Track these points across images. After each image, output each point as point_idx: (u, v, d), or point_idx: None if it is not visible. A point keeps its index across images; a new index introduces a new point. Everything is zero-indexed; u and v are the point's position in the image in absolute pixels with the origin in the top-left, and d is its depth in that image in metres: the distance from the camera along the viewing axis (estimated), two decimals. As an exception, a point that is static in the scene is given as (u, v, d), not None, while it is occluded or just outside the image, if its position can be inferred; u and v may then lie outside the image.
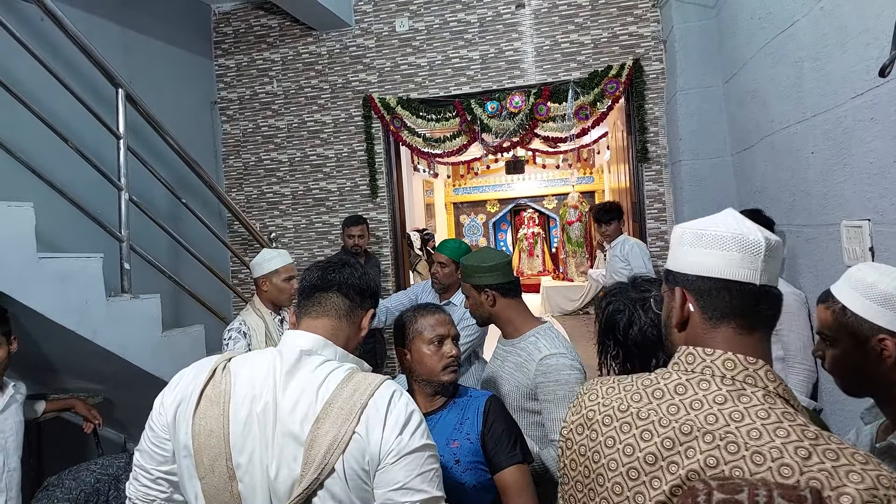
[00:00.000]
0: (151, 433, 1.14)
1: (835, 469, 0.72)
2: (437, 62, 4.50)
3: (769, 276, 0.86)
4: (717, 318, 0.88)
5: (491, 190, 12.10)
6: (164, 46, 4.26)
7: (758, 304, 0.86)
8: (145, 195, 3.29)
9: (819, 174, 2.24)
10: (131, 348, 2.58)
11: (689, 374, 0.87)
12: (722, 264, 0.87)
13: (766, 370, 0.84)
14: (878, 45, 1.72)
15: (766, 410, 0.79)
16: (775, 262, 0.87)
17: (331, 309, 1.23)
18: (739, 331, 0.87)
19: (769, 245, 0.86)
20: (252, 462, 1.07)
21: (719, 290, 0.87)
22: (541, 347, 1.76)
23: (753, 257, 0.85)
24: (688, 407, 0.84)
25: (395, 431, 1.06)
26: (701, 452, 0.80)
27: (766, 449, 0.76)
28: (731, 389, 0.83)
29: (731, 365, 0.84)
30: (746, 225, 0.88)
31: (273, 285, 2.63)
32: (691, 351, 0.88)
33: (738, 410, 0.80)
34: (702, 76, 3.59)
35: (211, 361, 1.17)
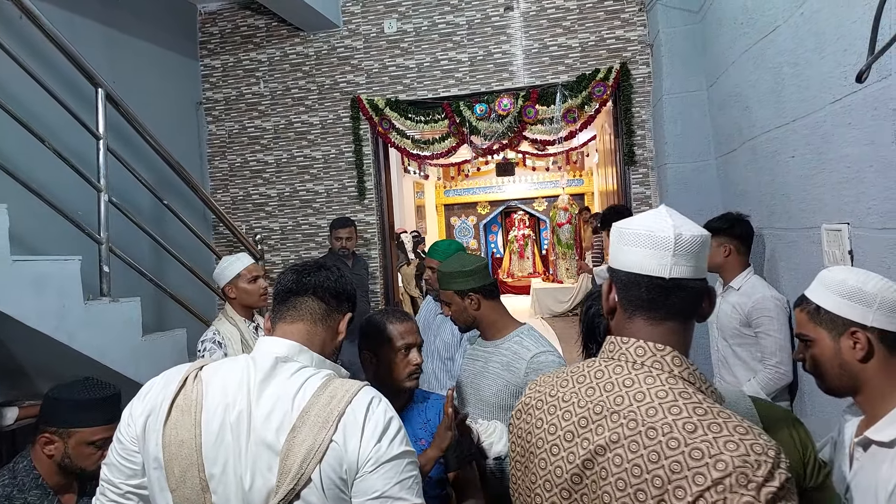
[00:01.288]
0: (119, 445, 1.11)
1: (715, 439, 0.79)
2: (426, 64, 4.49)
3: (684, 270, 0.91)
4: (632, 310, 0.95)
5: (481, 192, 12.12)
6: (148, 46, 4.22)
7: (668, 296, 0.92)
8: (127, 197, 3.26)
9: (799, 178, 2.25)
10: (110, 353, 2.54)
11: (609, 362, 0.95)
12: (635, 259, 0.93)
13: (673, 356, 0.91)
14: (855, 52, 1.73)
15: (665, 391, 0.87)
16: (692, 257, 0.91)
17: (306, 313, 1.20)
18: (650, 322, 0.93)
19: (679, 240, 0.90)
20: (226, 472, 1.04)
21: (633, 283, 0.94)
22: (528, 346, 1.79)
23: (663, 252, 0.90)
24: (601, 389, 0.93)
25: (373, 439, 1.04)
26: (608, 430, 0.88)
27: (659, 425, 0.83)
28: (639, 373, 0.91)
29: (642, 352, 0.92)
30: (664, 221, 0.92)
31: (240, 290, 2.56)
32: (612, 340, 0.97)
33: (642, 391, 0.88)
34: (687, 80, 3.60)
35: (182, 370, 1.15)
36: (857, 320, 1.15)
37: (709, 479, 0.77)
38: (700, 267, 0.93)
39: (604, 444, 0.87)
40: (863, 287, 1.15)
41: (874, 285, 1.15)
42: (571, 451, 0.91)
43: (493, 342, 1.89)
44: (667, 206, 0.98)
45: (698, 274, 0.93)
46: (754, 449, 0.78)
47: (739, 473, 0.76)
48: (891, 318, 1.14)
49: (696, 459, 0.79)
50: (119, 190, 2.96)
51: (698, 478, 0.78)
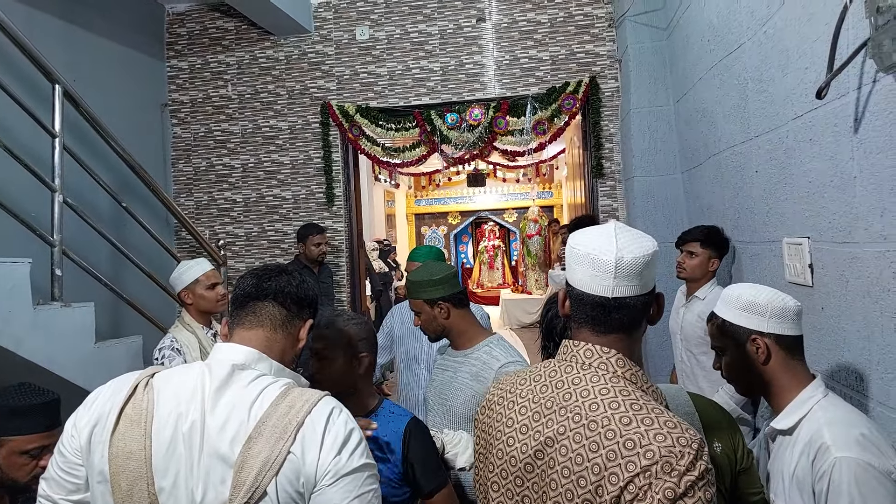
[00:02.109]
0: (61, 458, 1.05)
1: (647, 431, 0.88)
2: (398, 72, 4.47)
3: (627, 290, 0.98)
4: (580, 322, 1.04)
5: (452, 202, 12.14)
6: (112, 45, 4.11)
7: (610, 314, 0.99)
8: (85, 199, 3.15)
9: (762, 192, 2.29)
10: (60, 360, 2.43)
11: (562, 363, 1.04)
12: (581, 278, 1.02)
13: (618, 358, 0.99)
14: (816, 69, 1.76)
15: (607, 388, 0.96)
16: (635, 277, 0.98)
17: (266, 319, 1.16)
18: (595, 334, 1.02)
19: (621, 264, 0.97)
20: (176, 485, 1.00)
21: (580, 299, 1.02)
22: (497, 356, 1.78)
23: (604, 275, 0.98)
24: (553, 387, 1.02)
25: (332, 451, 1.01)
26: (556, 423, 0.97)
27: (599, 418, 0.92)
28: (586, 373, 0.99)
29: (590, 354, 1.01)
30: (608, 244, 0.99)
31: (197, 296, 2.47)
32: (566, 343, 1.06)
33: (587, 389, 0.97)
34: (654, 95, 3.66)
35: (132, 377, 1.09)
36: (754, 328, 1.32)
37: (638, 466, 0.86)
38: (645, 284, 1.00)
39: (552, 436, 0.96)
40: (755, 300, 1.32)
41: (764, 297, 1.32)
42: (525, 442, 1.00)
43: (462, 352, 1.87)
44: (616, 223, 1.04)
45: (643, 290, 1.00)
46: (679, 441, 0.86)
47: (665, 462, 0.85)
48: (782, 323, 1.31)
49: (629, 449, 0.87)
50: (76, 191, 2.85)
51: (629, 465, 0.86)
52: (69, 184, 2.76)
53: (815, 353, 1.85)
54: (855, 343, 1.67)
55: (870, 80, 1.48)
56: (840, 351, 1.76)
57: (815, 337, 1.88)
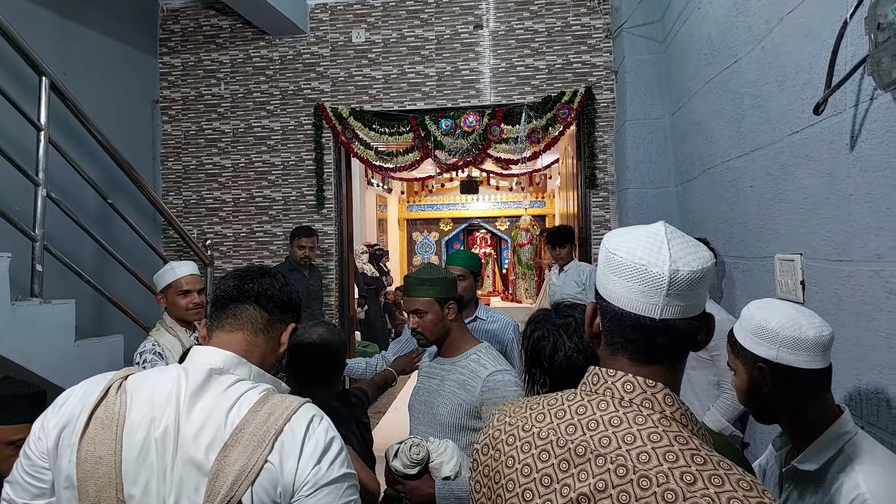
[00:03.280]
0: (27, 461, 1.00)
1: (717, 495, 0.71)
2: (393, 76, 4.45)
3: (677, 311, 0.80)
4: (615, 347, 0.85)
5: (445, 208, 12.10)
6: (104, 39, 4.06)
7: (656, 338, 0.82)
8: (71, 194, 3.09)
9: (756, 208, 2.28)
10: (38, 358, 2.37)
11: (592, 396, 0.85)
12: (622, 293, 0.83)
13: (665, 394, 0.81)
14: (814, 86, 1.76)
15: (658, 434, 0.78)
16: (689, 296, 0.80)
17: (247, 322, 1.12)
18: (634, 362, 0.84)
19: (675, 279, 0.79)
20: (147, 493, 0.96)
21: (618, 319, 0.84)
22: (485, 364, 1.75)
23: (654, 291, 0.80)
24: (584, 427, 0.82)
25: (311, 461, 0.97)
26: (593, 476, 0.78)
27: (653, 473, 0.75)
28: (627, 411, 0.81)
29: (630, 387, 0.82)
30: (659, 252, 0.81)
31: (168, 300, 2.36)
32: (596, 371, 0.87)
33: (632, 433, 0.78)
34: (650, 107, 3.66)
35: (104, 378, 1.04)
36: (763, 356, 1.19)
37: None
38: (697, 304, 0.83)
39: (588, 493, 0.77)
40: (767, 324, 1.18)
41: (777, 322, 1.17)
42: (549, 498, 0.81)
43: (449, 359, 1.84)
44: (666, 225, 0.85)
45: (694, 311, 0.82)
46: None
47: None
48: (794, 354, 1.16)
49: None
50: (63, 186, 2.80)
51: None
52: (55, 179, 2.71)
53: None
54: (846, 362, 1.65)
55: (867, 97, 1.47)
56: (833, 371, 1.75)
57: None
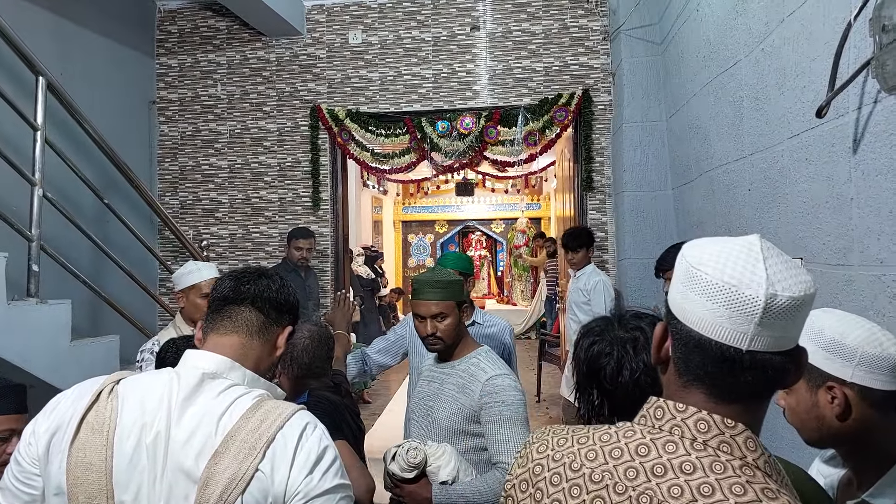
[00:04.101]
0: (17, 467, 0.98)
1: None
2: (389, 77, 4.45)
3: (769, 342, 0.69)
4: (689, 378, 0.74)
5: (440, 210, 12.10)
6: (101, 40, 4.04)
7: (739, 374, 0.70)
8: (67, 194, 3.07)
9: (754, 211, 2.28)
10: (33, 358, 2.35)
11: (655, 433, 0.74)
12: (704, 316, 0.71)
13: (747, 437, 0.70)
14: (814, 89, 1.76)
15: (741, 485, 0.67)
16: (784, 326, 0.69)
17: (242, 325, 1.09)
18: (709, 399, 0.73)
19: (772, 305, 0.67)
20: (138, 500, 0.94)
21: (695, 346, 0.72)
22: (485, 368, 1.73)
23: (744, 318, 0.68)
24: (649, 472, 0.71)
25: (304, 470, 0.95)
26: None
27: None
28: (701, 456, 0.70)
29: (705, 427, 0.71)
30: (755, 271, 0.69)
31: (189, 301, 2.32)
32: (661, 404, 0.75)
33: (709, 483, 0.68)
34: (647, 110, 3.67)
35: (96, 382, 1.02)
36: (835, 374, 1.02)
37: None
38: (792, 336, 0.71)
39: None
40: (842, 339, 1.02)
41: (855, 337, 1.02)
42: None
43: (449, 363, 1.82)
44: (762, 239, 0.72)
45: (788, 344, 0.70)
46: None
47: None
48: (872, 374, 1.01)
49: None
50: (59, 187, 2.78)
51: None
52: (52, 179, 2.69)
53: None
54: (847, 365, 1.65)
55: (871, 100, 1.47)
56: (830, 374, 1.75)
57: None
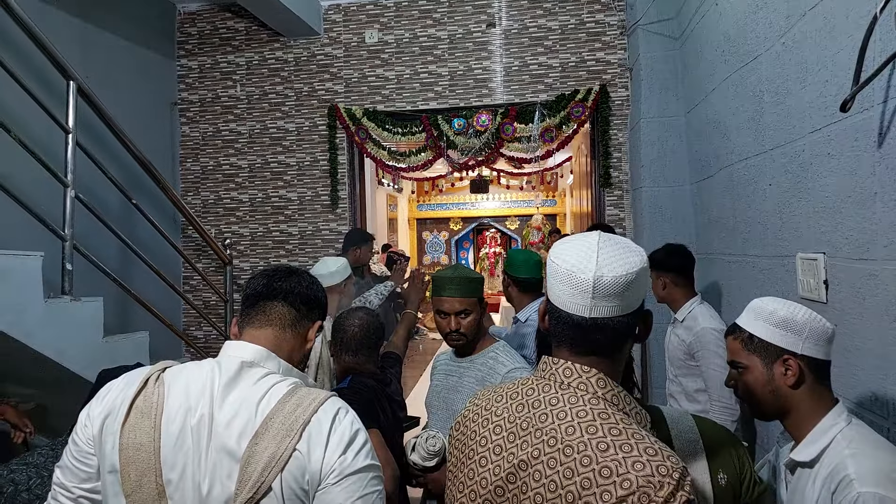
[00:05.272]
0: (75, 447, 1.07)
1: (624, 459, 0.83)
2: (406, 76, 4.48)
3: (607, 311, 0.91)
4: (558, 341, 0.98)
5: (455, 208, 12.13)
6: (125, 44, 4.12)
7: (589, 335, 0.93)
8: (96, 194, 3.14)
9: (775, 206, 2.28)
10: (69, 353, 2.44)
11: (540, 380, 0.98)
12: (559, 295, 0.95)
13: (598, 378, 0.93)
14: (837, 83, 1.77)
15: (586, 411, 0.90)
16: (616, 297, 0.90)
17: (275, 319, 1.18)
18: (574, 354, 0.95)
19: (599, 283, 0.89)
20: (184, 478, 1.01)
21: (558, 317, 0.96)
22: (503, 362, 1.78)
23: (582, 294, 0.91)
24: (530, 406, 0.95)
25: (338, 450, 1.03)
26: (531, 446, 0.91)
27: (575, 443, 0.87)
28: (564, 393, 0.93)
29: (569, 373, 0.94)
30: (587, 260, 0.91)
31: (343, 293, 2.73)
32: (546, 360, 0.99)
33: (564, 410, 0.91)
34: (665, 105, 3.66)
35: (143, 371, 1.11)
36: (788, 348, 1.23)
37: (614, 496, 0.81)
38: (628, 304, 0.92)
39: (526, 460, 0.91)
40: (793, 317, 1.23)
41: (803, 315, 1.23)
42: (497, 464, 0.95)
43: (467, 357, 1.87)
44: (602, 235, 0.96)
45: (626, 310, 0.93)
46: (659, 470, 0.81)
47: (642, 493, 0.80)
48: (818, 346, 1.23)
49: (605, 477, 0.82)
50: (87, 187, 2.85)
51: (605, 495, 0.81)
52: (80, 180, 2.76)
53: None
54: (870, 361, 1.66)
55: None
56: (854, 370, 1.76)
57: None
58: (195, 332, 4.71)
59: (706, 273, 3.13)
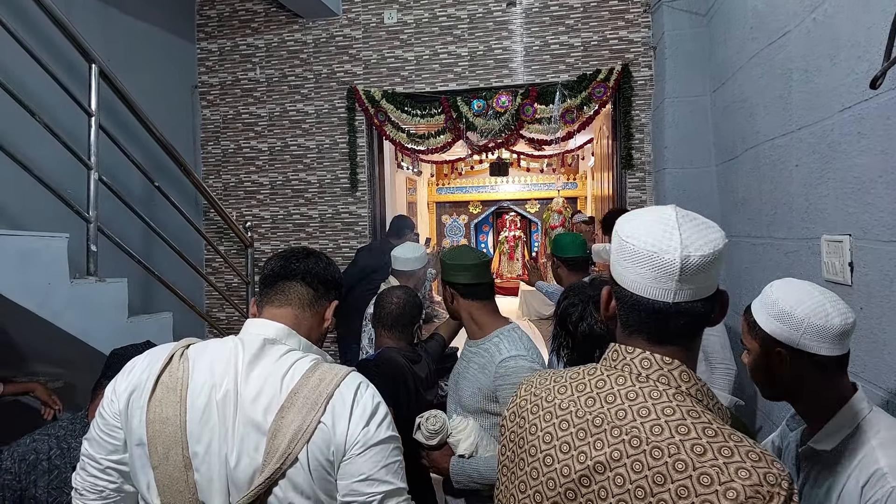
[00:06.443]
0: (102, 421, 1.10)
1: (726, 465, 0.75)
2: (425, 57, 4.44)
3: (690, 294, 0.84)
4: (631, 330, 0.89)
5: (474, 191, 12.08)
6: (145, 27, 4.14)
7: (669, 321, 0.85)
8: (119, 177, 3.18)
9: (802, 187, 2.23)
10: (94, 333, 2.49)
11: (611, 371, 0.90)
12: (636, 280, 0.86)
13: (681, 371, 0.85)
14: (869, 59, 1.71)
15: (672, 408, 0.82)
16: (701, 278, 0.83)
17: (294, 298, 1.21)
18: (650, 344, 0.88)
19: (687, 265, 0.81)
20: (210, 451, 1.05)
21: (632, 304, 0.87)
22: (502, 349, 1.74)
23: (667, 278, 0.83)
24: (602, 400, 0.87)
25: (361, 423, 1.07)
26: (608, 445, 0.83)
27: (665, 444, 0.79)
28: (643, 386, 0.85)
29: (647, 364, 0.87)
30: (671, 238, 0.83)
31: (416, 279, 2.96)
32: (616, 348, 0.91)
33: (647, 407, 0.83)
34: (690, 84, 3.58)
35: (167, 348, 1.14)
36: (784, 341, 1.18)
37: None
38: (710, 285, 0.86)
39: (603, 462, 0.83)
40: (792, 311, 1.17)
41: (804, 309, 1.16)
42: (566, 463, 0.86)
43: (475, 342, 1.85)
44: (677, 209, 0.87)
45: (707, 292, 0.85)
46: (767, 479, 0.74)
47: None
48: (817, 342, 1.16)
49: (705, 485, 0.75)
50: (109, 170, 2.89)
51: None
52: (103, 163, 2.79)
53: (852, 355, 1.81)
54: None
55: (930, 70, 1.42)
56: (879, 353, 1.72)
57: (853, 337, 1.83)
58: (218, 313, 4.78)
59: (731, 256, 3.08)
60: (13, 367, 2.81)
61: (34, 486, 1.61)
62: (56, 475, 1.63)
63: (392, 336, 2.12)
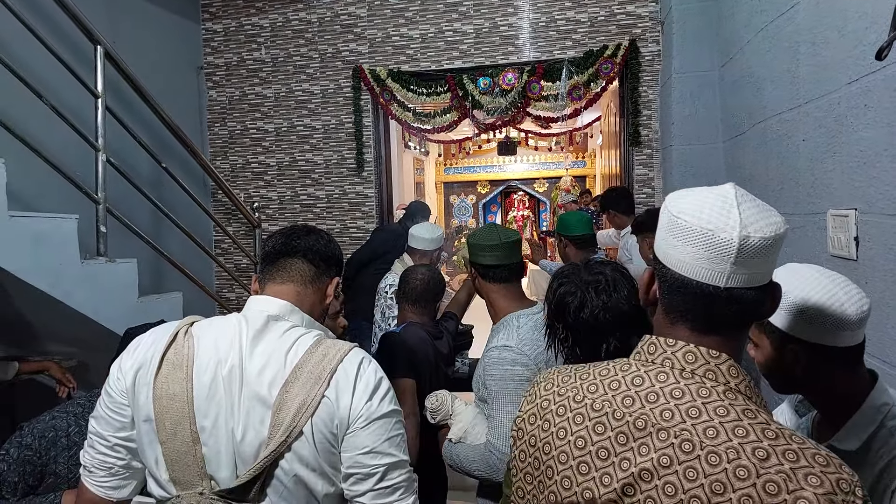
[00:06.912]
0: (109, 399, 1.12)
1: (793, 471, 0.69)
2: (430, 35, 4.41)
3: (744, 279, 0.76)
4: (674, 316, 0.82)
5: (482, 170, 12.01)
6: (150, 7, 4.13)
7: (718, 307, 0.78)
8: (127, 159, 3.21)
9: (808, 162, 2.22)
10: (105, 312, 2.53)
11: (648, 366, 0.82)
12: (685, 259, 0.79)
13: (730, 365, 0.78)
14: (877, 30, 1.68)
15: (725, 407, 0.75)
16: (757, 263, 0.76)
17: (296, 275, 1.22)
18: (695, 332, 0.80)
19: (745, 245, 0.74)
20: (217, 426, 1.07)
21: (679, 286, 0.80)
22: (491, 339, 1.70)
23: (721, 259, 0.76)
24: (643, 400, 0.79)
25: (364, 397, 1.08)
26: (655, 450, 0.75)
27: (723, 449, 0.72)
28: (689, 383, 0.78)
29: (692, 358, 0.79)
30: (729, 216, 0.76)
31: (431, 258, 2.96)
32: (653, 341, 0.83)
33: (696, 406, 0.76)
34: (698, 60, 3.53)
35: (171, 326, 1.16)
36: (796, 335, 1.08)
37: None
38: (765, 272, 0.78)
39: (650, 469, 0.75)
40: (804, 304, 1.08)
41: (816, 301, 1.07)
42: (606, 471, 0.78)
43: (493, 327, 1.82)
44: (736, 187, 0.80)
45: (762, 280, 0.78)
46: (840, 486, 0.68)
47: None
48: (832, 334, 1.06)
49: (772, 494, 0.68)
50: (117, 151, 2.91)
51: None
52: (110, 145, 2.81)
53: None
54: (901, 317, 1.63)
55: (936, 41, 1.40)
56: (884, 327, 1.72)
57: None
58: (227, 293, 4.83)
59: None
60: (27, 347, 2.87)
61: (54, 462, 1.65)
62: (75, 451, 1.67)
63: (416, 311, 2.20)
